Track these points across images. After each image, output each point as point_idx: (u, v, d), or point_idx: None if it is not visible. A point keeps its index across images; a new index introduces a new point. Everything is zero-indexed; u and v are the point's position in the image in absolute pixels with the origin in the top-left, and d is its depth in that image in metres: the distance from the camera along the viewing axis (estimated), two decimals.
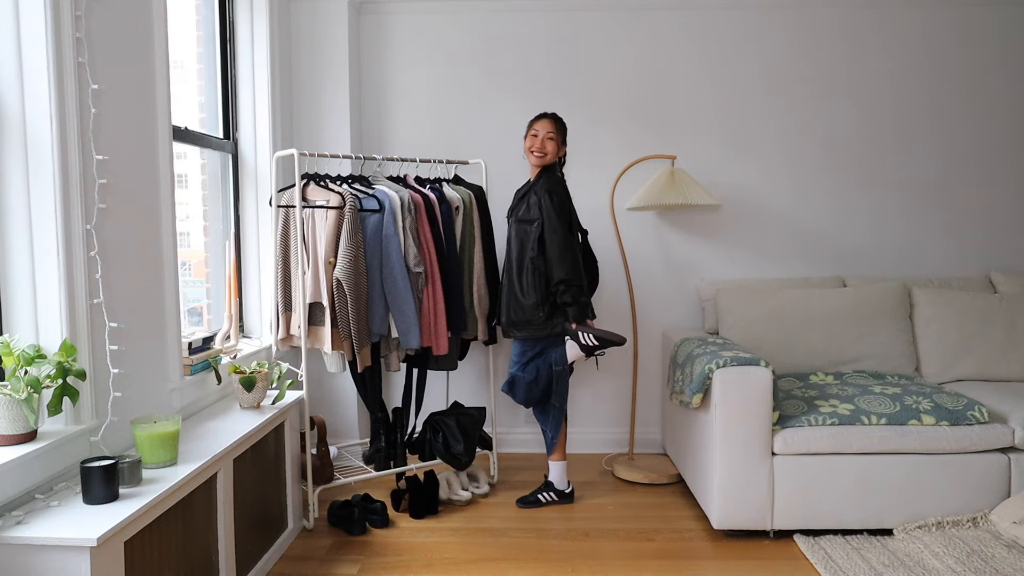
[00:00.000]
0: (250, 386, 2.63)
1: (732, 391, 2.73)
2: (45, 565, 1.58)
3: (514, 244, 3.04)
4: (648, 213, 3.84)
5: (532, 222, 2.97)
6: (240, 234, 3.36)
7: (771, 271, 3.85)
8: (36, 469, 1.83)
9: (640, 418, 3.88)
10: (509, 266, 3.06)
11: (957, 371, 3.33)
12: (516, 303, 3.01)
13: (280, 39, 3.47)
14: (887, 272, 3.82)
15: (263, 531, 2.55)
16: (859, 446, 2.74)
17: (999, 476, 2.76)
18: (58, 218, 1.89)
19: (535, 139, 3.05)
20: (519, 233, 3.02)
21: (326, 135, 3.65)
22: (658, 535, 2.88)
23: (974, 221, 3.83)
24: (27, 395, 1.76)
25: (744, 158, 3.83)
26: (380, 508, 2.97)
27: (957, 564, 2.46)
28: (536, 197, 2.99)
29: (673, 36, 3.80)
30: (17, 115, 1.88)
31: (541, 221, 2.95)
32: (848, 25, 3.77)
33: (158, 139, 2.38)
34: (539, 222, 2.95)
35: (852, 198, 3.83)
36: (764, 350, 3.36)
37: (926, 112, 3.80)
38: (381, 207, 2.97)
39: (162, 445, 1.99)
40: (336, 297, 2.86)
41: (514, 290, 3.01)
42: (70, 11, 1.92)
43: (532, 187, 3.05)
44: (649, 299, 3.84)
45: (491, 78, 3.84)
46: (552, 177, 3.05)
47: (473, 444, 3.20)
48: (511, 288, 3.03)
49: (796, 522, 2.77)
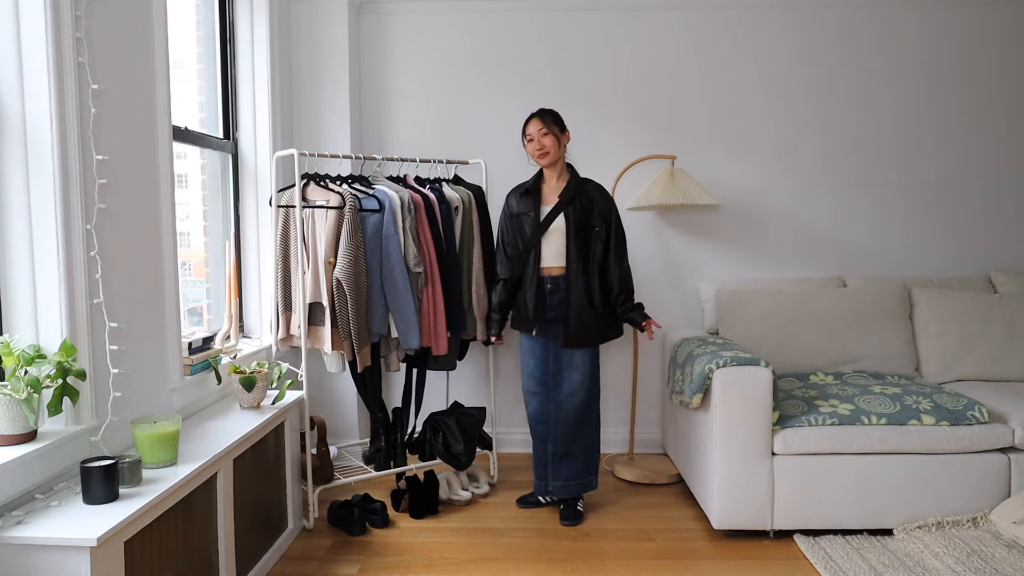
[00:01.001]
0: (250, 386, 2.63)
1: (732, 391, 2.73)
2: (45, 565, 1.58)
3: (573, 250, 2.88)
4: (648, 213, 3.84)
5: (593, 228, 2.90)
6: (240, 234, 3.36)
7: (771, 271, 3.85)
8: (36, 469, 1.83)
9: (640, 418, 3.88)
10: (568, 271, 2.88)
11: (957, 371, 3.33)
12: (588, 312, 2.88)
13: (280, 39, 3.47)
14: (887, 272, 3.82)
15: (263, 531, 2.55)
16: (859, 446, 2.74)
17: (999, 476, 2.76)
18: (58, 218, 1.89)
19: (532, 142, 2.97)
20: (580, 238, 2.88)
21: (326, 135, 3.65)
22: (658, 535, 2.87)
23: (974, 221, 3.83)
24: (27, 395, 1.76)
25: (744, 158, 3.83)
26: (380, 508, 2.97)
27: (957, 564, 2.46)
28: (602, 202, 2.93)
29: (673, 36, 3.80)
30: (17, 115, 1.88)
31: (606, 230, 2.91)
32: (847, 25, 3.77)
33: (158, 139, 2.38)
34: (602, 230, 2.90)
35: (852, 198, 3.83)
36: (764, 350, 3.36)
37: (926, 112, 3.80)
38: (381, 207, 2.97)
39: (162, 445, 1.99)
40: (336, 297, 2.86)
41: (582, 300, 2.87)
42: (70, 11, 1.92)
43: (582, 190, 2.93)
44: (649, 299, 3.84)
45: (491, 78, 3.84)
46: (596, 183, 3.01)
47: (473, 444, 3.20)
48: (579, 298, 2.87)
49: (796, 522, 2.77)
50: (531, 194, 3.01)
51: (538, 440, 3.10)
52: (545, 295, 2.95)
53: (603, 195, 2.98)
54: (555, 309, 2.93)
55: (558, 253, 2.93)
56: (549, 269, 2.95)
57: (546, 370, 3.01)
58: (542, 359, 3.02)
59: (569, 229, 2.90)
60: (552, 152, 2.95)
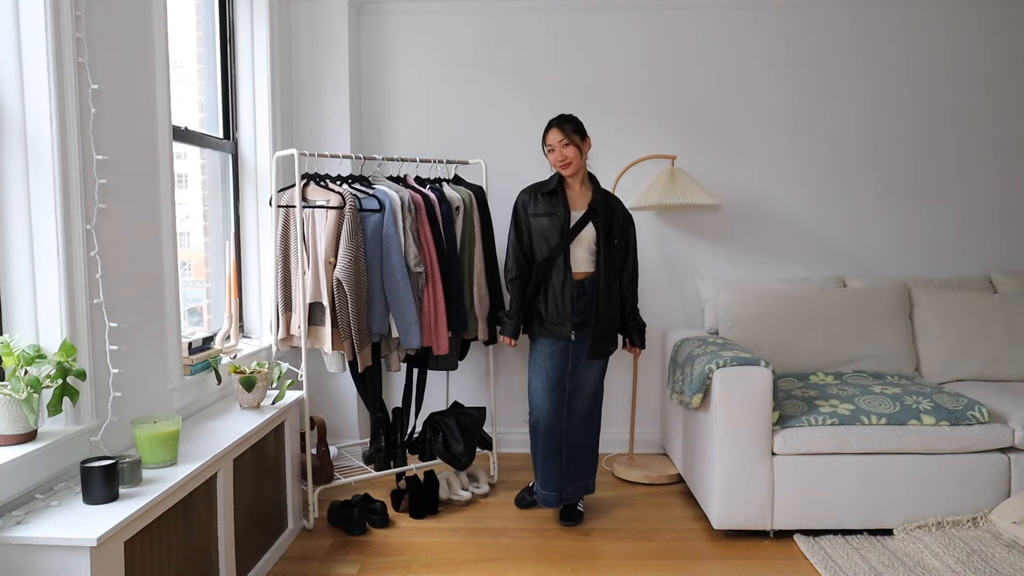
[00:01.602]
0: (250, 386, 2.63)
1: (732, 391, 2.73)
2: (45, 565, 1.58)
3: (603, 260, 2.88)
4: (648, 213, 3.84)
5: (613, 240, 2.92)
6: (240, 234, 3.36)
7: (771, 271, 3.85)
8: (36, 469, 1.82)
9: (640, 418, 3.88)
10: (596, 283, 2.89)
11: (957, 371, 3.33)
12: (612, 323, 2.96)
13: (280, 39, 3.47)
14: (887, 272, 3.82)
15: (263, 531, 2.55)
16: (859, 446, 2.74)
17: (999, 476, 2.76)
18: (58, 218, 1.89)
19: (553, 152, 2.92)
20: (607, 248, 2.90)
21: (326, 135, 3.65)
22: (658, 535, 2.88)
23: (974, 221, 3.83)
24: (27, 395, 1.76)
25: (744, 158, 3.83)
26: (380, 508, 2.97)
27: (957, 564, 2.46)
28: (622, 217, 2.98)
29: (673, 36, 3.79)
30: (17, 115, 1.87)
31: (625, 245, 2.98)
32: (842, 25, 3.76)
33: (158, 139, 2.38)
34: (621, 243, 2.95)
35: (852, 198, 3.83)
36: (764, 350, 3.36)
37: (926, 113, 3.79)
38: (381, 207, 2.97)
39: (162, 445, 1.99)
40: (336, 297, 2.86)
41: (611, 311, 2.93)
42: (70, 11, 1.92)
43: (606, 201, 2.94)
44: (649, 299, 3.84)
45: (491, 78, 3.84)
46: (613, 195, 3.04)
47: (473, 444, 3.20)
48: (608, 308, 2.91)
49: (796, 522, 2.77)
50: (558, 196, 2.93)
51: (551, 448, 2.94)
52: (573, 299, 2.90)
53: (624, 211, 3.03)
54: (581, 314, 2.91)
55: (583, 260, 2.92)
56: (577, 274, 2.92)
57: (564, 373, 2.93)
58: (560, 363, 2.92)
59: (599, 238, 2.90)
60: (575, 162, 2.90)
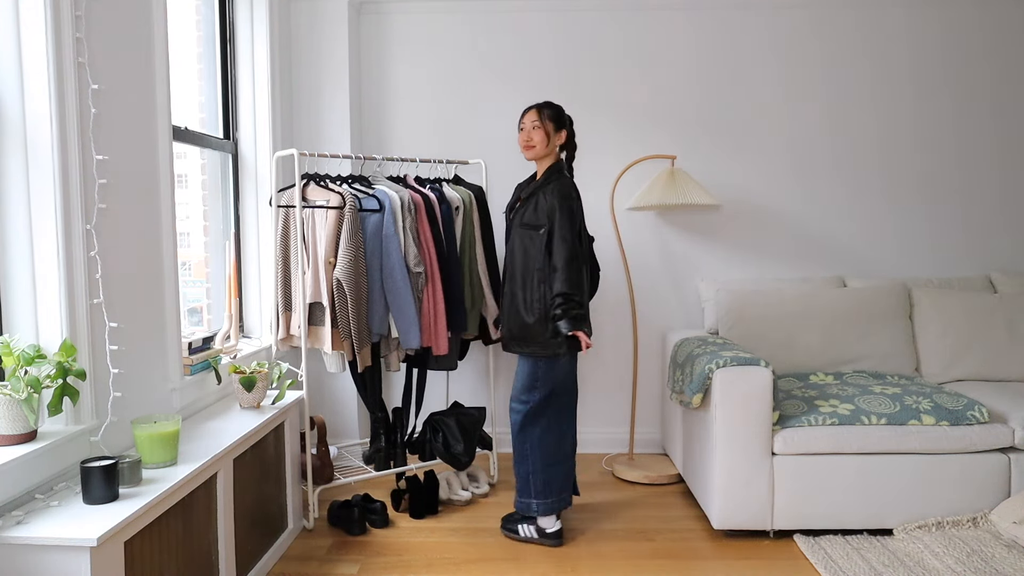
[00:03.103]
0: (250, 386, 2.63)
1: (732, 391, 2.73)
2: (45, 565, 1.58)
3: (517, 250, 2.74)
4: (648, 213, 3.84)
5: (539, 228, 2.67)
6: (240, 234, 3.36)
7: (771, 271, 3.85)
8: (36, 469, 1.83)
9: (640, 418, 3.88)
10: (512, 274, 2.76)
11: (957, 371, 3.33)
12: (518, 317, 2.73)
13: (280, 39, 3.47)
14: (887, 272, 3.82)
15: (263, 531, 2.55)
16: (859, 446, 2.74)
17: (999, 476, 2.76)
18: (58, 218, 1.89)
19: (522, 132, 2.78)
20: (523, 239, 2.72)
21: (326, 135, 3.65)
22: (658, 535, 2.88)
23: (974, 221, 3.83)
24: (27, 395, 1.76)
25: (744, 158, 3.83)
26: (380, 508, 2.97)
27: (957, 564, 2.46)
28: (546, 201, 2.67)
29: (672, 36, 3.79)
30: (17, 115, 1.87)
31: (550, 229, 2.65)
32: (843, 25, 3.76)
33: (158, 139, 2.38)
34: (546, 229, 2.65)
35: (852, 198, 3.83)
36: (764, 350, 3.36)
37: (927, 113, 3.79)
38: (381, 207, 2.97)
39: (162, 445, 1.99)
40: (336, 297, 2.86)
41: (516, 302, 2.73)
42: (70, 11, 1.92)
43: (540, 188, 2.73)
44: (649, 299, 3.84)
45: (491, 78, 3.84)
46: (563, 180, 2.73)
47: (473, 444, 3.20)
48: (513, 299, 2.74)
49: (796, 522, 2.77)
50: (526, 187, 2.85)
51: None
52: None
53: (553, 193, 2.69)
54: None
55: None
56: None
57: None
58: None
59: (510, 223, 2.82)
60: (538, 147, 2.75)
